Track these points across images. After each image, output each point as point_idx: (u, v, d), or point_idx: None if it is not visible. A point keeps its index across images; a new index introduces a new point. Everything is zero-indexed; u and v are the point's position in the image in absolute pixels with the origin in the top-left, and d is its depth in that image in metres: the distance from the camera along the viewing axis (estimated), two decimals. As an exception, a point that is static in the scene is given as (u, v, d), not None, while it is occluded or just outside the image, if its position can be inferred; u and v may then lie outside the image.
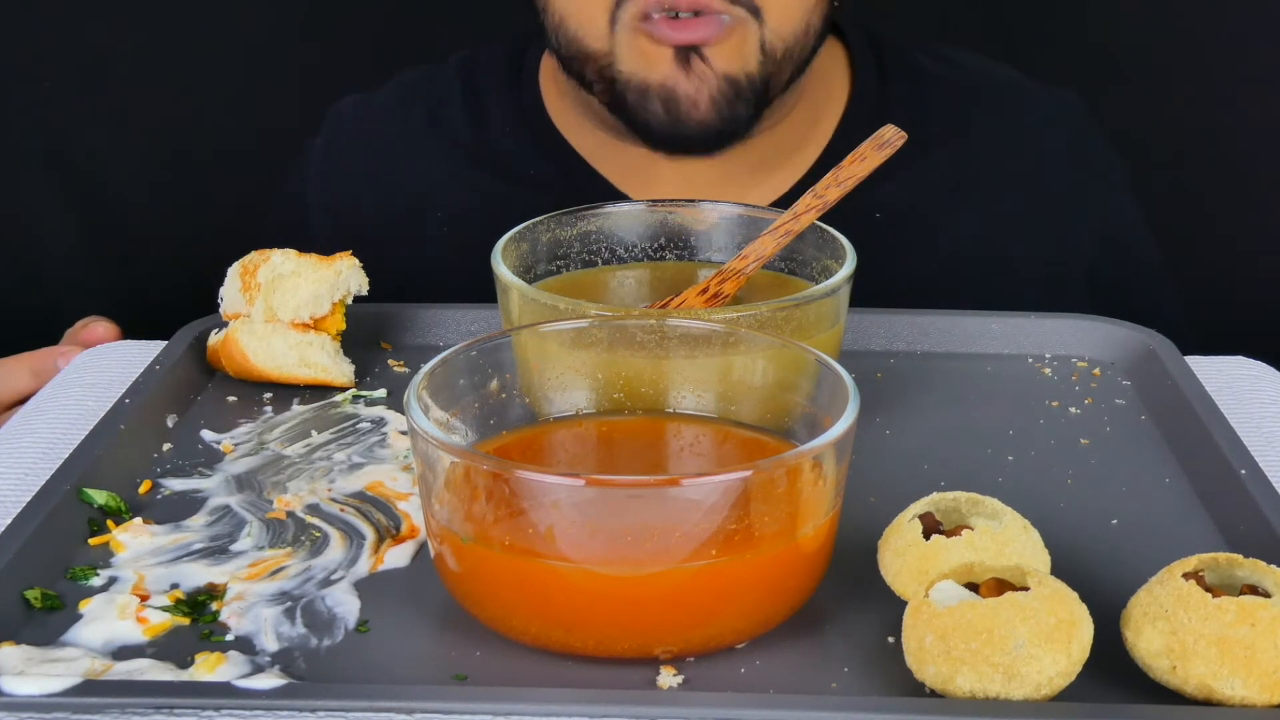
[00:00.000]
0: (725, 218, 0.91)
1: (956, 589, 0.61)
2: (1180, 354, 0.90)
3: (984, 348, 0.94)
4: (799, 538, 0.64)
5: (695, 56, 1.02)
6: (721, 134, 1.06)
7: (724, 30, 1.01)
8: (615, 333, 0.75)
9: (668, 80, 1.03)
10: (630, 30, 1.02)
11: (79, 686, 0.60)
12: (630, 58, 1.03)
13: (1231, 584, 0.63)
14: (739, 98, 1.04)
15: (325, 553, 0.72)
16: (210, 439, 0.83)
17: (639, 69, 1.03)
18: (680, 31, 1.01)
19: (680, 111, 1.03)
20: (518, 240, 0.86)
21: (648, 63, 1.03)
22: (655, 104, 1.04)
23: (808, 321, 0.78)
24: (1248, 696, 0.59)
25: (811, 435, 0.66)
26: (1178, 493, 0.78)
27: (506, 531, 0.63)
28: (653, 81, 1.03)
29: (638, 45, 1.02)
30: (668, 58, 1.02)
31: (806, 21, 1.05)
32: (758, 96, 1.05)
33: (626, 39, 1.02)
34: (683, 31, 1.01)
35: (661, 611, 0.63)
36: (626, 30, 1.02)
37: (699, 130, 1.05)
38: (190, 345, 0.90)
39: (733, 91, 1.03)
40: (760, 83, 1.04)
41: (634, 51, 1.03)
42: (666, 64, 1.02)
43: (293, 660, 0.64)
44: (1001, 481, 0.79)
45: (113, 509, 0.75)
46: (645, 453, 0.75)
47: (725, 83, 1.03)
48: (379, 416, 0.86)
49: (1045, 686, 0.59)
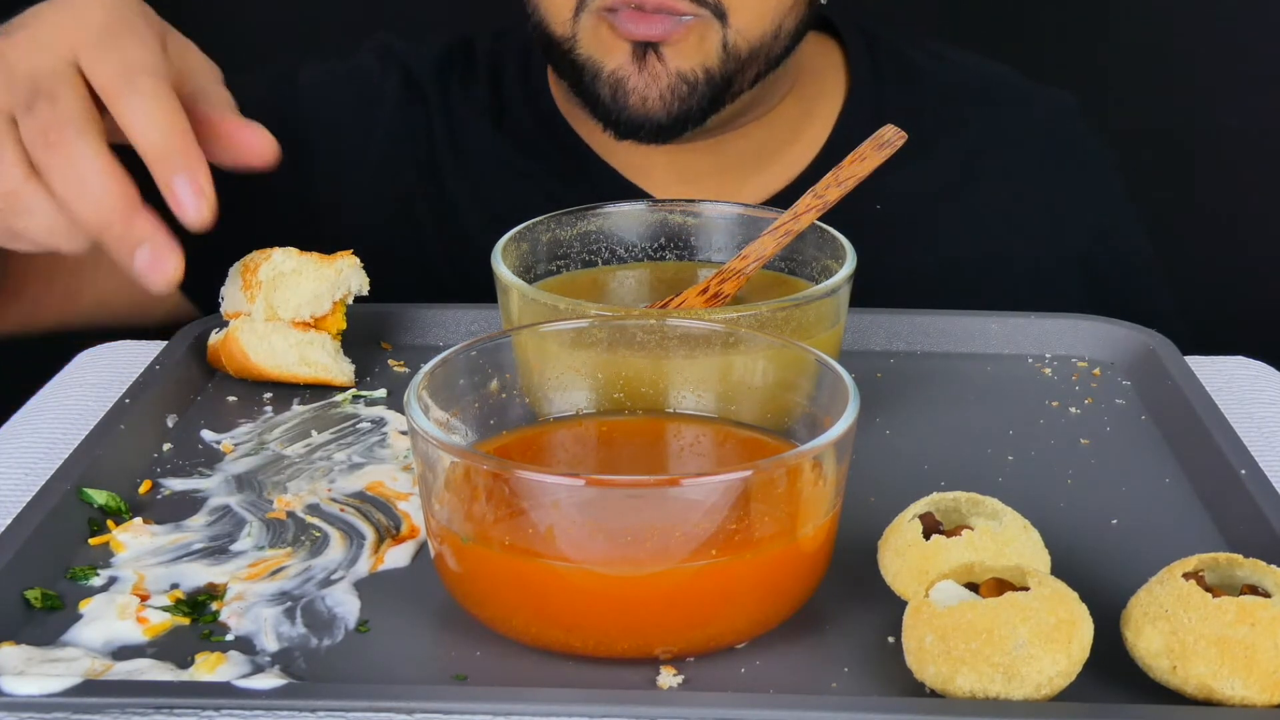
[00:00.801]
0: (725, 218, 0.91)
1: (956, 589, 0.61)
2: (1180, 354, 0.90)
3: (984, 348, 0.94)
4: (799, 538, 0.64)
5: (651, 53, 1.02)
6: (672, 126, 1.06)
7: (682, 29, 1.01)
8: (615, 333, 0.75)
9: (619, 70, 1.03)
10: (594, 16, 1.03)
11: (79, 686, 0.60)
12: (589, 43, 1.04)
13: (1231, 584, 0.63)
14: (692, 94, 1.04)
15: (325, 553, 0.72)
16: (210, 439, 0.83)
17: (594, 54, 1.04)
18: (639, 26, 1.01)
19: (627, 102, 1.04)
20: (518, 240, 0.86)
21: (604, 50, 1.03)
22: (604, 89, 1.04)
23: (808, 321, 0.78)
24: (1248, 696, 0.59)
25: (811, 435, 0.66)
26: (1178, 493, 0.78)
27: (506, 531, 0.63)
28: (606, 69, 1.04)
29: (598, 33, 1.03)
30: (625, 50, 1.03)
31: (778, 24, 1.05)
32: (715, 92, 1.05)
33: (589, 24, 1.03)
34: (641, 26, 1.01)
35: (661, 611, 0.63)
36: (590, 16, 1.03)
37: (645, 121, 1.05)
38: (190, 345, 0.90)
39: (685, 87, 1.04)
40: (721, 79, 1.04)
41: (594, 38, 1.03)
42: (622, 55, 1.03)
43: (293, 660, 0.64)
44: (1001, 481, 0.79)
45: (113, 509, 0.75)
46: (645, 453, 0.75)
47: (678, 79, 1.03)
48: (379, 416, 0.86)
49: (1045, 686, 0.59)
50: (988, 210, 1.17)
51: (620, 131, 1.07)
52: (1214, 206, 1.75)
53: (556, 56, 1.07)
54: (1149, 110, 1.71)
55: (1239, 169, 1.75)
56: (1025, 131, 1.21)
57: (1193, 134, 1.73)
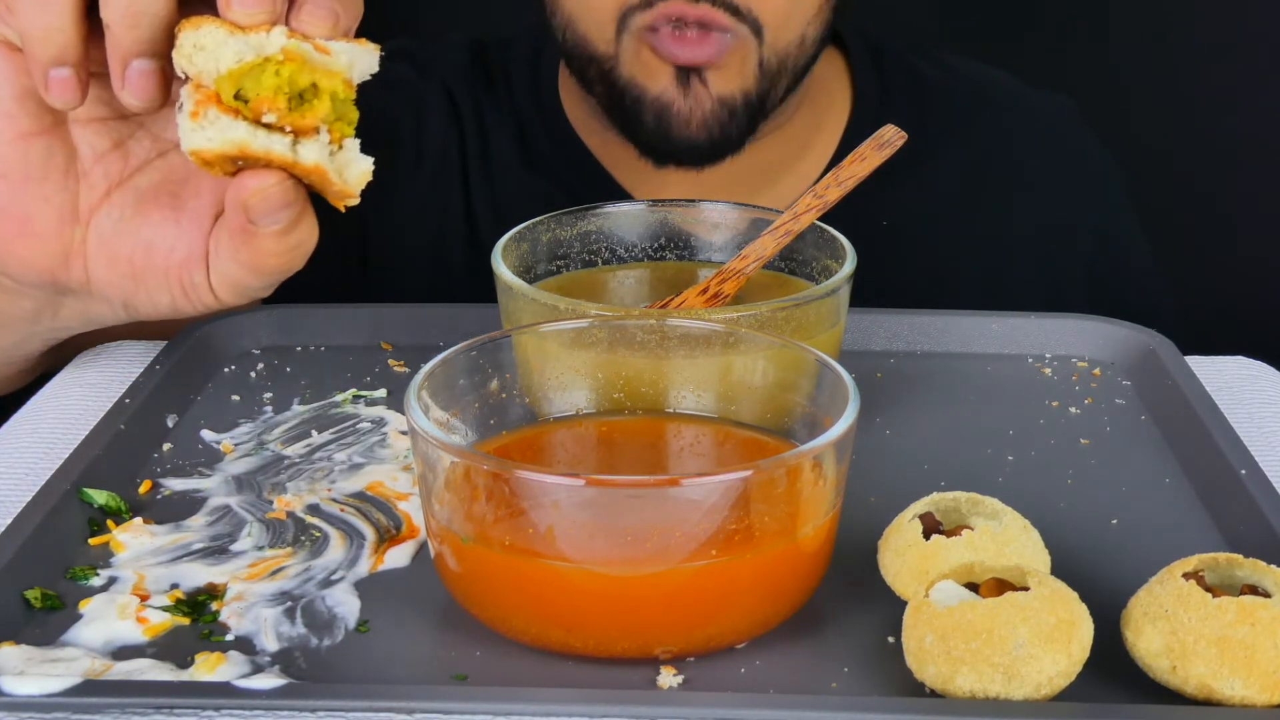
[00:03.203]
0: (725, 218, 0.91)
1: (956, 589, 0.61)
2: (1180, 354, 0.90)
3: (984, 348, 0.94)
4: (799, 538, 0.64)
5: (695, 78, 1.03)
6: (711, 151, 1.06)
7: (726, 52, 1.01)
8: (615, 333, 0.75)
9: (664, 95, 1.03)
10: (636, 38, 1.02)
11: (79, 686, 0.60)
12: (632, 65, 1.03)
13: (1231, 584, 0.63)
14: (732, 119, 1.04)
15: (325, 553, 0.72)
16: (210, 439, 0.83)
17: (638, 77, 1.04)
18: (684, 49, 1.01)
19: (671, 127, 1.04)
20: (518, 240, 0.86)
21: (648, 74, 1.03)
22: (648, 115, 1.04)
23: (808, 321, 0.78)
24: (1248, 696, 0.59)
25: (811, 435, 0.66)
26: (1178, 493, 0.78)
27: (506, 531, 0.63)
28: (649, 93, 1.04)
29: (641, 55, 1.03)
30: (668, 74, 1.03)
31: (802, 33, 1.05)
32: (752, 115, 1.05)
33: (631, 46, 1.03)
34: (686, 50, 1.01)
35: (661, 611, 0.63)
36: (632, 38, 1.02)
37: (687, 146, 1.05)
38: (190, 345, 0.90)
39: (726, 113, 1.04)
40: (756, 100, 1.05)
41: (636, 60, 1.03)
42: (666, 79, 1.03)
43: (293, 660, 0.64)
44: (1001, 481, 0.79)
45: (113, 509, 0.75)
46: (645, 453, 0.75)
47: (719, 105, 1.03)
48: (379, 416, 0.86)
49: (1045, 686, 0.59)
50: (991, 217, 1.18)
51: (659, 158, 1.07)
52: (1214, 207, 1.76)
53: (593, 75, 1.06)
54: (1149, 112, 1.71)
55: (1239, 170, 1.75)
56: (1026, 136, 1.21)
57: (1192, 135, 1.73)
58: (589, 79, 1.07)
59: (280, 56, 0.68)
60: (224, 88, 0.68)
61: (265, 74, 0.68)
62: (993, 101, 1.22)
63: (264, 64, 0.68)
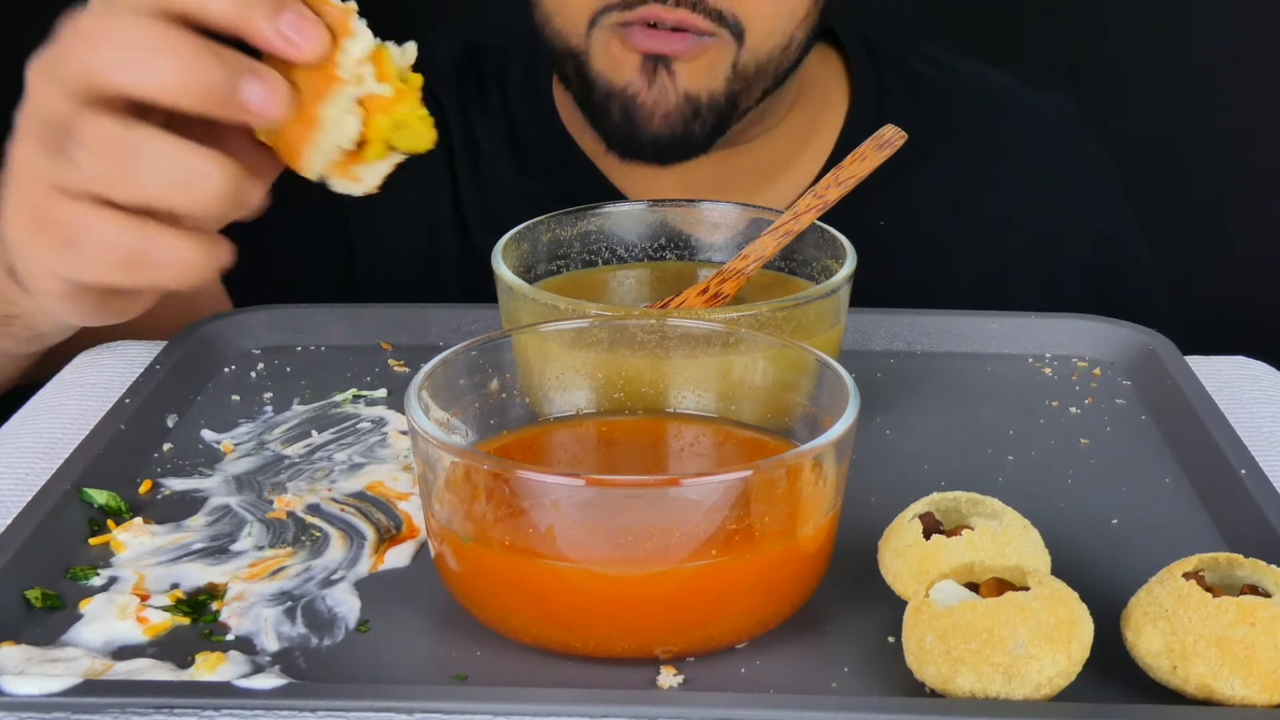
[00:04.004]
0: (725, 218, 0.91)
1: (956, 589, 0.61)
2: (1180, 354, 0.90)
3: (984, 348, 0.94)
4: (799, 538, 0.64)
5: (661, 68, 1.02)
6: (675, 148, 1.05)
7: (697, 47, 1.01)
8: (615, 333, 0.75)
9: (630, 87, 1.03)
10: (606, 32, 1.02)
11: (79, 686, 0.60)
12: (601, 57, 1.03)
13: (1231, 584, 0.63)
14: (697, 117, 1.03)
15: (326, 553, 0.72)
16: (210, 439, 0.83)
17: (606, 69, 1.03)
18: (652, 40, 1.01)
19: (637, 120, 1.03)
20: (518, 240, 0.86)
21: (615, 65, 1.03)
22: (616, 108, 1.04)
23: (808, 321, 0.78)
24: (1248, 696, 0.59)
25: (811, 435, 0.66)
26: (1178, 493, 0.78)
27: (506, 531, 0.63)
28: (617, 86, 1.03)
29: (610, 48, 1.02)
30: (634, 64, 1.02)
31: (789, 36, 1.04)
32: (720, 117, 1.04)
33: (601, 39, 1.03)
34: (654, 41, 1.01)
35: (661, 611, 0.63)
36: (603, 31, 1.02)
37: (651, 140, 1.05)
38: (190, 345, 0.90)
39: (690, 110, 1.03)
40: (725, 102, 1.04)
41: (605, 53, 1.03)
42: (632, 69, 1.02)
43: (293, 660, 0.64)
44: (1001, 481, 0.79)
45: (113, 509, 0.75)
46: (645, 453, 0.75)
47: (684, 100, 1.03)
48: (379, 416, 0.86)
49: (1045, 686, 0.59)
50: (989, 217, 1.18)
51: (624, 152, 1.06)
52: (1213, 208, 1.75)
53: (569, 69, 1.06)
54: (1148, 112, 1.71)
55: (1238, 170, 1.75)
56: (1025, 136, 1.21)
57: (1192, 135, 1.73)
58: (567, 75, 1.08)
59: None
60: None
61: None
62: (992, 101, 1.22)
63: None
